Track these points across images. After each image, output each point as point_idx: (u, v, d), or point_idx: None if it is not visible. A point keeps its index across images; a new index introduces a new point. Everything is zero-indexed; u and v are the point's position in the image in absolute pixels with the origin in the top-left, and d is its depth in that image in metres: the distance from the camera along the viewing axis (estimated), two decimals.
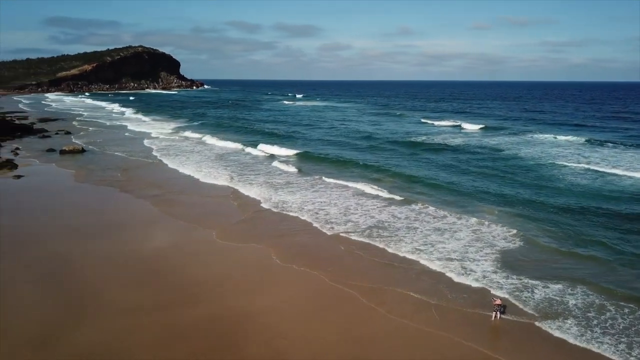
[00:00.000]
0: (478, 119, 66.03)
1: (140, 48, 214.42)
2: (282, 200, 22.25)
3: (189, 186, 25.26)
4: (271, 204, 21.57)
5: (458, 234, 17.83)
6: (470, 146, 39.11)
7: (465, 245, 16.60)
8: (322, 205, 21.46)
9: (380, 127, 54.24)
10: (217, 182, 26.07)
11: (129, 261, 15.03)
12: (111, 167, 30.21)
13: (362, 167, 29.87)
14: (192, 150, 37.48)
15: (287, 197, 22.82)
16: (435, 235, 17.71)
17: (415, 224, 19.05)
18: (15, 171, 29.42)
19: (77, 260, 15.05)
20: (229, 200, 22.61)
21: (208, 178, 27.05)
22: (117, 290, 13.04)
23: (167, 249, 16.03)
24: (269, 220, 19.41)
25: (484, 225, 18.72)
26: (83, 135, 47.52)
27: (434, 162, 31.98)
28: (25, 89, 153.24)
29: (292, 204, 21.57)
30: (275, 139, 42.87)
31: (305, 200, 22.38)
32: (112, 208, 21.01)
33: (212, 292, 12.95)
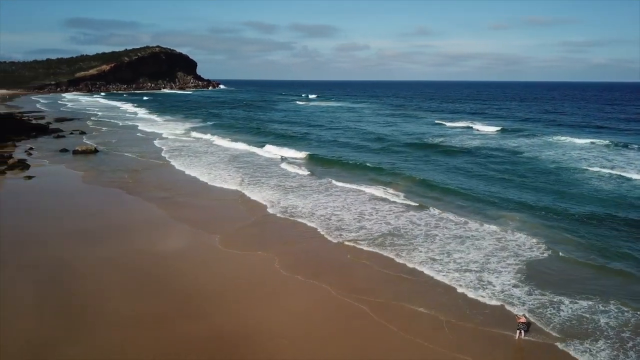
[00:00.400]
0: (496, 120, 64.56)
1: (158, 48, 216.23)
2: (292, 204, 21.54)
3: (197, 189, 24.70)
4: (280, 209, 20.87)
5: (480, 242, 16.90)
6: (489, 148, 37.95)
7: (486, 255, 15.68)
8: (335, 210, 20.69)
9: (395, 129, 53.24)
10: (226, 185, 25.43)
11: (129, 268, 14.47)
12: (120, 169, 29.88)
13: (377, 170, 28.89)
14: (203, 151, 36.97)
15: (298, 201, 22.11)
16: (455, 243, 16.78)
17: (434, 231, 18.11)
18: (27, 172, 29.27)
19: (77, 265, 14.55)
20: (237, 204, 21.96)
21: (217, 181, 26.46)
22: (116, 300, 12.47)
23: (169, 256, 15.44)
24: (277, 226, 18.70)
25: (506, 232, 17.81)
26: (96, 135, 47.50)
27: (451, 166, 30.94)
28: (45, 89, 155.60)
29: (302, 209, 20.84)
30: (288, 141, 42.27)
31: (317, 204, 21.64)
32: (117, 211, 20.54)
33: (213, 304, 12.28)
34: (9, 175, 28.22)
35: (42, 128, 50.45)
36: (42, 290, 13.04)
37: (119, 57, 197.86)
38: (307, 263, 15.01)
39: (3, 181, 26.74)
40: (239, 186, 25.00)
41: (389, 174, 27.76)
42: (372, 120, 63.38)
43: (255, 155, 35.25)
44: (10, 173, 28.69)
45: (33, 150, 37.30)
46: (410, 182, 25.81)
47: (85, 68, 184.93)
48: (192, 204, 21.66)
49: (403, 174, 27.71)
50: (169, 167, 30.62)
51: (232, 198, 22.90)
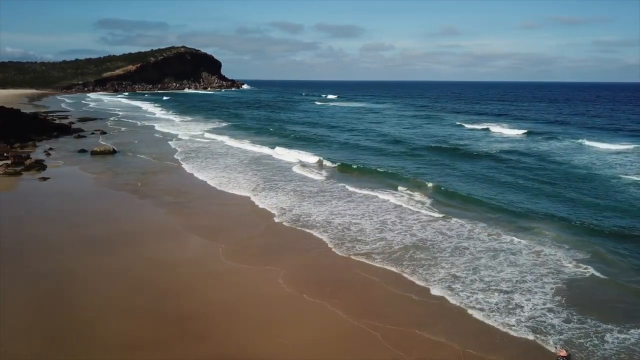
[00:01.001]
0: (524, 122, 62.21)
1: (183, 49, 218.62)
2: (306, 212, 20.41)
3: (208, 195, 23.72)
4: (292, 217, 19.76)
5: (514, 257, 15.42)
6: (517, 153, 36.10)
7: (521, 272, 14.25)
8: (354, 219, 19.46)
9: (419, 131, 51.66)
10: (238, 190, 24.35)
11: (127, 281, 13.61)
12: (134, 171, 29.35)
13: (400, 176, 27.33)
14: (219, 153, 36.14)
15: (314, 208, 20.97)
16: (486, 258, 15.37)
17: (464, 243, 16.70)
18: (43, 173, 29.03)
19: (75, 278, 13.77)
20: (247, 211, 20.89)
21: (229, 185, 25.43)
22: (112, 318, 11.61)
23: (170, 269, 14.50)
24: (287, 237, 17.54)
25: (544, 246, 16.30)
26: (115, 135, 47.47)
27: (477, 171, 29.28)
28: (73, 89, 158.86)
29: (317, 217, 19.69)
30: (307, 143, 41.18)
31: (334, 212, 20.45)
32: (122, 217, 19.79)
33: (212, 326, 11.24)
34: (25, 176, 27.99)
35: (64, 128, 50.75)
36: (35, 306, 12.26)
37: (145, 57, 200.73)
38: (315, 280, 13.81)
39: (17, 182, 26.48)
40: (252, 192, 23.93)
41: (413, 181, 26.21)
42: (395, 122, 61.83)
43: (272, 159, 34.15)
44: (26, 174, 28.48)
45: (52, 151, 37.27)
46: (435, 189, 24.26)
47: (112, 68, 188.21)
48: (199, 211, 20.76)
49: (428, 180, 26.17)
50: (181, 170, 29.78)
51: (243, 204, 21.86)
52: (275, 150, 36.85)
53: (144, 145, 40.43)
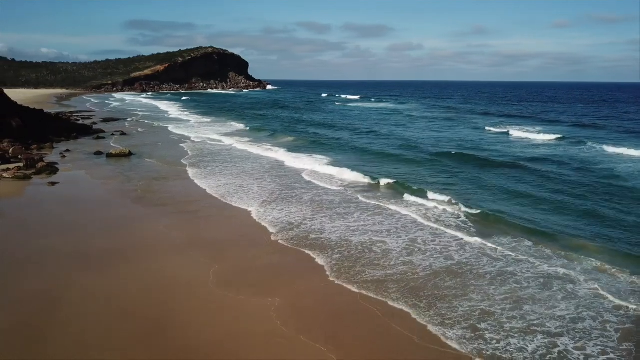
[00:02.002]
0: (558, 125, 58.98)
1: (210, 49, 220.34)
2: (318, 228, 18.52)
3: (213, 206, 21.89)
4: (300, 234, 17.86)
5: (572, 286, 13.19)
6: (554, 161, 33.18)
7: (578, 307, 12.01)
8: (377, 236, 17.53)
9: (446, 136, 49.11)
10: (246, 202, 22.24)
11: (112, 309, 12.17)
12: (145, 176, 28.18)
13: (431, 187, 24.74)
14: (232, 158, 34.42)
15: (328, 223, 19.03)
16: (536, 287, 13.15)
17: (510, 267, 14.59)
18: (54, 177, 28.22)
19: (54, 303, 12.38)
20: (250, 226, 18.92)
21: (237, 196, 23.42)
22: (93, 354, 10.18)
23: (157, 294, 12.95)
24: (289, 259, 15.61)
25: (603, 273, 14.05)
26: (133, 137, 46.81)
27: (513, 184, 26.40)
28: (102, 89, 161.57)
29: (329, 235, 17.78)
30: (328, 149, 39.17)
31: (351, 227, 18.55)
32: (121, 229, 18.44)
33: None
34: (35, 180, 27.19)
35: (84, 128, 50.48)
36: (12, 337, 10.93)
37: (173, 57, 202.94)
38: (317, 318, 11.87)
39: (25, 187, 25.65)
40: (261, 203, 21.92)
41: (447, 192, 23.53)
42: (420, 126, 59.20)
43: (288, 165, 31.91)
44: (36, 178, 27.69)
45: (69, 153, 36.67)
46: (469, 204, 21.68)
47: (141, 68, 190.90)
48: (200, 225, 19.11)
49: (459, 194, 23.62)
50: (189, 177, 28.13)
51: (246, 218, 19.95)
52: (293, 155, 35.09)
53: (159, 148, 39.41)
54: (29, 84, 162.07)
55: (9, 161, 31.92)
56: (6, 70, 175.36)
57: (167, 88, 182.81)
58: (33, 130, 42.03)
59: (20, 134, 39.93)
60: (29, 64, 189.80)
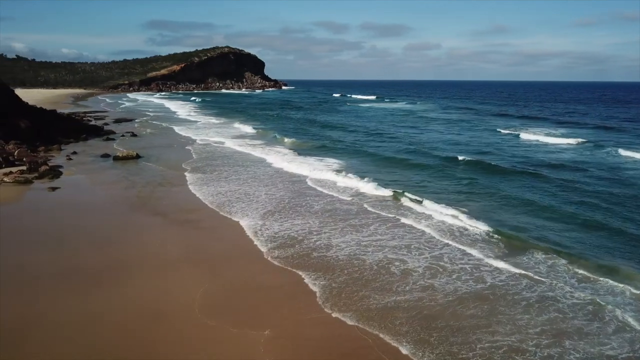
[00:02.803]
0: (582, 128, 56.51)
1: (227, 48, 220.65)
2: (325, 243, 17.00)
3: (211, 218, 20.35)
4: (302, 251, 16.37)
5: (622, 316, 11.49)
6: (580, 167, 31.15)
7: (634, 344, 10.35)
8: (396, 252, 15.94)
9: (464, 139, 47.05)
10: (246, 215, 20.57)
11: (95, 337, 10.96)
12: (148, 181, 27.09)
13: (449, 198, 22.82)
14: (236, 164, 32.56)
15: (337, 237, 17.57)
16: (581, 317, 11.51)
17: (549, 293, 12.91)
18: (56, 181, 27.36)
19: (28, 329, 11.24)
20: (249, 242, 17.36)
21: (238, 206, 21.78)
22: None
23: (139, 322, 11.70)
24: (285, 283, 13.93)
25: None
26: (141, 138, 46.03)
27: (537, 192, 24.50)
28: (118, 89, 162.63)
29: (337, 252, 16.34)
30: (337, 154, 37.49)
31: (363, 242, 17.05)
32: (114, 242, 17.27)
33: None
34: (36, 184, 26.35)
35: (95, 129, 49.86)
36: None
37: (189, 57, 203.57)
38: (307, 354, 10.39)
39: (24, 192, 24.78)
40: (262, 215, 20.39)
41: (465, 205, 21.75)
42: (436, 129, 56.98)
43: (295, 172, 29.82)
44: (37, 182, 26.85)
45: (75, 155, 35.94)
46: (491, 218, 20.04)
47: (158, 68, 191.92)
48: (196, 239, 17.75)
49: (481, 206, 21.82)
50: (192, 183, 26.98)
51: (245, 231, 18.48)
52: (301, 160, 33.63)
53: (166, 150, 38.32)
54: (48, 83, 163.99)
55: (13, 164, 31.23)
56: (26, 70, 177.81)
57: (183, 88, 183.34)
58: (42, 132, 41.46)
59: (28, 136, 39.35)
60: (48, 64, 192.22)
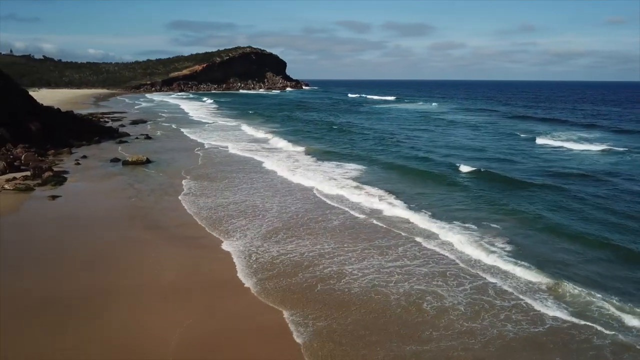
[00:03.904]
0: (621, 133, 52.71)
1: (249, 49, 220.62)
2: (336, 271, 14.85)
3: (208, 236, 18.31)
4: (305, 281, 14.24)
5: None
6: (623, 179, 28.49)
7: None
8: (424, 282, 13.78)
9: (487, 146, 43.82)
10: (247, 232, 18.24)
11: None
12: (153, 189, 25.45)
13: (476, 218, 19.91)
14: (247, 173, 29.93)
15: (354, 264, 15.43)
16: None
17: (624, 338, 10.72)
18: (59, 188, 25.96)
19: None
20: (244, 267, 15.13)
21: (238, 222, 19.64)
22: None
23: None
24: (273, 328, 11.69)
25: None
26: (153, 141, 44.66)
27: (576, 216, 21.18)
28: (141, 89, 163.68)
29: (352, 280, 14.19)
30: (352, 160, 34.88)
31: (384, 269, 14.83)
32: (101, 263, 15.46)
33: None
34: (37, 192, 24.96)
35: (109, 131, 48.81)
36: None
37: (211, 57, 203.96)
38: None
39: (22, 201, 23.35)
40: (265, 232, 18.17)
41: (497, 227, 18.93)
42: (457, 133, 52.88)
43: (303, 184, 26.55)
44: (39, 189, 25.48)
45: (84, 159, 34.67)
46: (531, 246, 17.26)
47: (180, 68, 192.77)
48: (188, 260, 15.79)
49: (515, 229, 18.91)
50: (196, 193, 24.97)
51: (243, 252, 16.33)
52: (313, 168, 31.19)
53: (176, 155, 36.32)
54: (72, 84, 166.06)
55: (18, 169, 30.05)
56: (52, 70, 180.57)
57: (205, 88, 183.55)
58: (53, 134, 40.42)
59: (38, 139, 38.30)
60: (73, 65, 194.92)
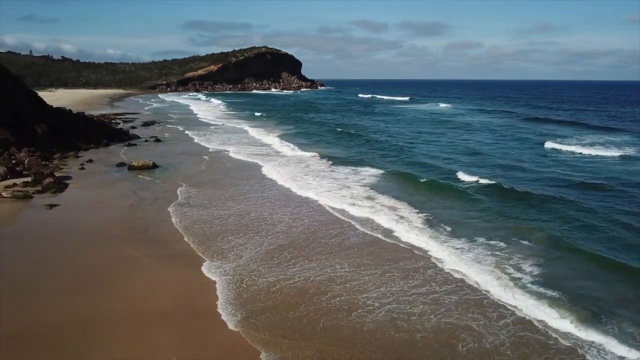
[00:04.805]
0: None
1: (264, 49, 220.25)
2: (346, 301, 13.19)
3: (197, 256, 17.03)
4: (304, 317, 12.53)
5: None
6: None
7: None
8: (457, 316, 12.01)
9: (507, 152, 41.90)
10: (243, 252, 16.65)
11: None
12: (157, 197, 24.12)
13: (504, 247, 17.62)
14: (253, 181, 28.33)
15: (364, 292, 13.80)
16: None
17: None
18: (59, 196, 24.83)
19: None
20: (232, 297, 13.65)
21: (234, 240, 18.01)
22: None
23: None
24: None
25: None
26: (161, 144, 43.49)
27: (608, 242, 19.07)
28: (156, 89, 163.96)
29: (366, 313, 12.50)
30: (370, 167, 33.71)
31: (404, 297, 13.07)
32: (86, 287, 14.05)
33: None
34: (35, 200, 23.85)
35: (119, 133, 47.88)
36: None
37: (226, 57, 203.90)
38: None
39: (18, 211, 22.17)
40: (265, 252, 16.47)
41: (527, 255, 16.87)
42: (481, 139, 51.63)
43: (308, 196, 24.06)
44: (38, 197, 24.37)
45: (90, 163, 33.62)
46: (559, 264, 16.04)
47: (195, 68, 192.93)
48: (167, 291, 14.34)
49: (547, 257, 16.98)
50: (195, 205, 23.46)
51: (232, 279, 14.66)
52: (323, 174, 29.57)
53: (183, 160, 34.95)
54: (89, 84, 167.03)
55: (20, 174, 29.04)
56: (69, 71, 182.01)
57: (220, 88, 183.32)
58: (60, 137, 39.52)
59: (44, 142, 37.43)
60: (90, 65, 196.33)
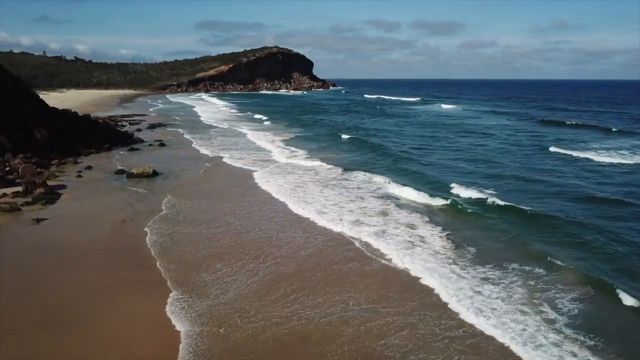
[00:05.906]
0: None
1: (275, 49, 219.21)
2: (359, 348, 11.45)
3: (184, 284, 15.34)
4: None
5: None
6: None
7: None
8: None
9: (532, 164, 39.57)
10: (234, 283, 14.92)
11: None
12: (153, 210, 22.26)
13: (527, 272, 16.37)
14: (246, 194, 26.22)
15: (381, 338, 11.82)
16: None
17: None
18: (49, 208, 23.17)
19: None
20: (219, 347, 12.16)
21: (227, 268, 16.23)
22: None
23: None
24: None
25: None
26: (163, 150, 41.68)
27: None
28: (167, 89, 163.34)
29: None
30: (381, 175, 31.63)
31: (422, 342, 11.31)
32: (55, 325, 12.26)
33: None
34: (22, 213, 22.20)
35: (123, 136, 46.25)
36: None
37: (238, 57, 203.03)
38: None
39: (3, 227, 20.43)
40: (263, 284, 14.60)
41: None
42: (496, 146, 49.01)
43: (308, 216, 21.51)
44: (27, 209, 22.72)
45: (88, 170, 32.05)
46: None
47: (206, 69, 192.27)
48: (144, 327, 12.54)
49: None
50: (193, 221, 21.70)
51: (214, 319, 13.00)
52: (334, 188, 27.51)
53: (183, 167, 33.08)
54: (100, 84, 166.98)
55: (12, 183, 27.48)
56: (81, 71, 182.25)
57: (231, 88, 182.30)
58: (60, 142, 37.99)
59: (43, 147, 35.95)
60: (102, 65, 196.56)
